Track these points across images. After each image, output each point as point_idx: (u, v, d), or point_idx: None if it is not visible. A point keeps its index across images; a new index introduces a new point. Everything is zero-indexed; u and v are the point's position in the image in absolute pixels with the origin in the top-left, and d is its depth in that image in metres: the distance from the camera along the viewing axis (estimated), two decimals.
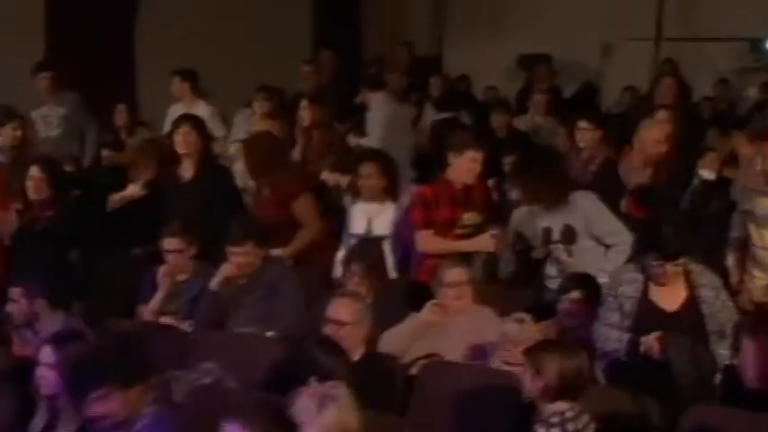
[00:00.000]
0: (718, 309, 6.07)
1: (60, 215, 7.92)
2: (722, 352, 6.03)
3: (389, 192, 8.11)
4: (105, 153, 10.47)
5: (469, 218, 7.60)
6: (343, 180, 8.84)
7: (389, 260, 7.94)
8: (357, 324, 6.05)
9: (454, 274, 6.60)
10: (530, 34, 16.57)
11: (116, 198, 8.72)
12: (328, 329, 5.70)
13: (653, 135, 8.12)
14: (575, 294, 6.59)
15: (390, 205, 8.10)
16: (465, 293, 6.58)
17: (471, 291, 6.62)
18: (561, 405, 5.23)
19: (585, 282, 6.74)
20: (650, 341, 5.91)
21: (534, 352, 5.29)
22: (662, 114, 9.02)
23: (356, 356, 6.00)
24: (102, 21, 14.28)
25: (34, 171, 7.99)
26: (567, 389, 5.11)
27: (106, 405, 4.77)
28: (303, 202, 8.26)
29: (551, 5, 17.13)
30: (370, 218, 8.00)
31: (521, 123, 11.55)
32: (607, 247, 7.19)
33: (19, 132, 9.16)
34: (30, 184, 7.93)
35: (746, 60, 16.33)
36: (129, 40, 14.79)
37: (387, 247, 7.98)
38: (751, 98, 13.71)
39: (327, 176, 9.15)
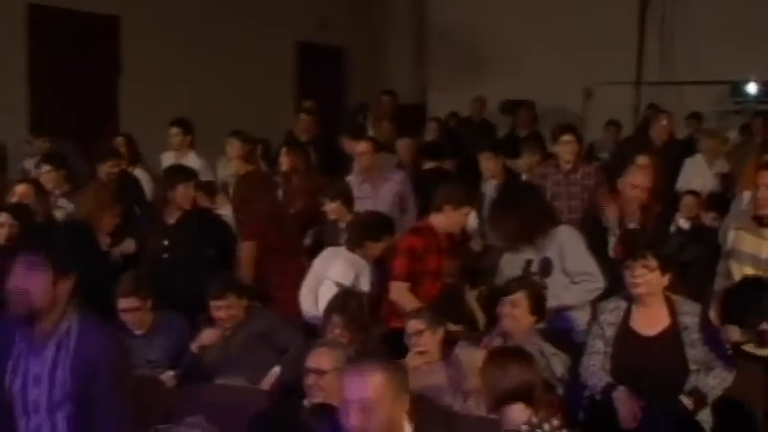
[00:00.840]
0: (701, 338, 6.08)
1: None
2: (711, 382, 6.00)
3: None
4: None
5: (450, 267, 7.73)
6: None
7: None
8: (338, 372, 5.78)
9: (411, 325, 6.54)
10: (512, 80, 16.71)
11: (117, 253, 8.68)
12: (309, 380, 5.52)
13: (633, 180, 8.06)
14: (517, 296, 6.54)
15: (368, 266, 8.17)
16: (427, 341, 6.49)
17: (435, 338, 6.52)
18: (521, 413, 5.14)
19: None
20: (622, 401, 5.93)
21: (489, 364, 5.26)
22: (642, 159, 9.08)
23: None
24: (91, 65, 14.48)
25: (4, 218, 7.91)
26: (525, 393, 5.09)
27: None
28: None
29: (533, 52, 17.29)
30: (357, 273, 7.97)
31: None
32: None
33: None
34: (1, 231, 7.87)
35: (727, 104, 16.49)
36: (114, 93, 14.85)
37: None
38: (732, 141, 13.71)
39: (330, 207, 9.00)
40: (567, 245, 7.22)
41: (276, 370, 6.88)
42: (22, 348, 4.77)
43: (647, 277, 6.07)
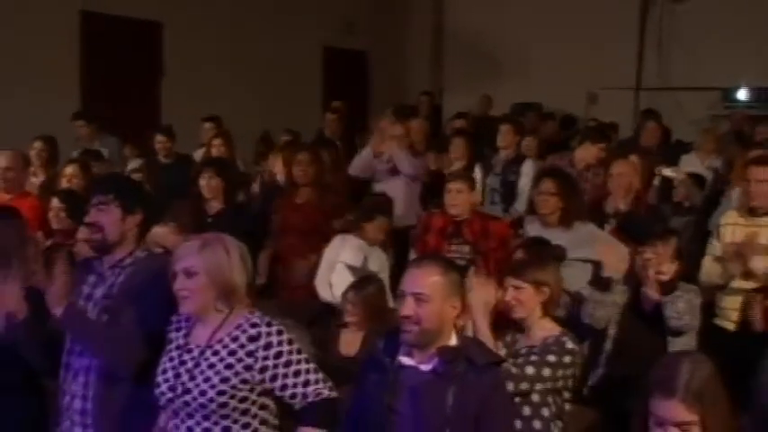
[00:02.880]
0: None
1: None
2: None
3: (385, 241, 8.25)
4: None
5: (456, 249, 7.58)
6: None
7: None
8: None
9: None
10: (521, 84, 16.78)
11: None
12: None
13: (618, 169, 8.19)
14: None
15: (379, 249, 8.14)
16: None
17: None
18: (553, 327, 5.20)
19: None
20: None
21: (529, 268, 5.26)
22: (634, 157, 9.03)
23: None
24: (136, 66, 14.77)
25: (55, 202, 7.85)
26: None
27: None
28: None
29: (541, 57, 17.31)
30: (367, 256, 8.00)
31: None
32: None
33: None
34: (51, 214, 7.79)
35: (718, 108, 16.49)
36: (157, 93, 15.17)
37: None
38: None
39: None
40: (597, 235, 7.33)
41: None
42: (94, 279, 4.83)
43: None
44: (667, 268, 6.01)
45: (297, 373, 4.23)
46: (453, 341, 4.12)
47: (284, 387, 4.23)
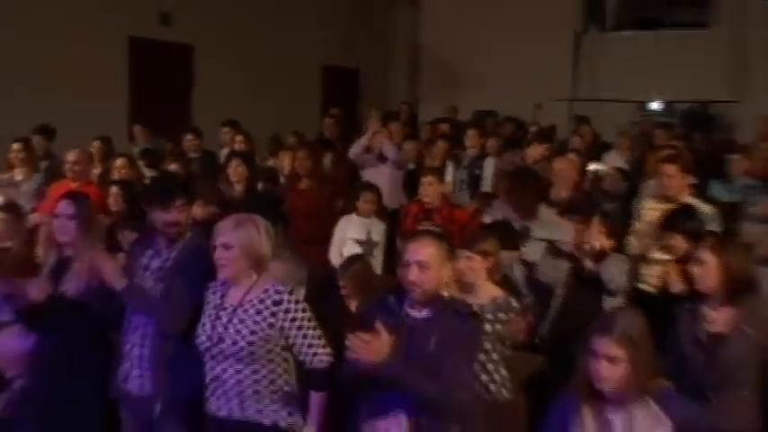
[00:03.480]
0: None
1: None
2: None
3: (378, 212, 8.19)
4: None
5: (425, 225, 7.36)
6: None
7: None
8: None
9: None
10: (481, 95, 16.61)
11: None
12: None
13: (559, 165, 8.12)
14: None
15: (377, 220, 8.07)
16: None
17: None
18: (496, 289, 5.20)
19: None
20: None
21: (477, 242, 5.30)
22: (572, 155, 9.01)
23: None
24: (172, 80, 14.73)
25: (114, 190, 7.82)
26: None
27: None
28: None
29: (496, 74, 17.23)
30: (369, 229, 7.94)
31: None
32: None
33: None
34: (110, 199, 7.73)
35: (635, 116, 16.48)
36: (189, 103, 15.12)
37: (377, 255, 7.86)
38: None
39: None
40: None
41: None
42: (152, 252, 4.85)
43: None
44: (600, 241, 6.01)
45: (304, 336, 4.25)
46: (445, 296, 4.15)
47: (293, 345, 4.28)
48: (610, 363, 3.53)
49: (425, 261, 4.03)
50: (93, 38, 13.23)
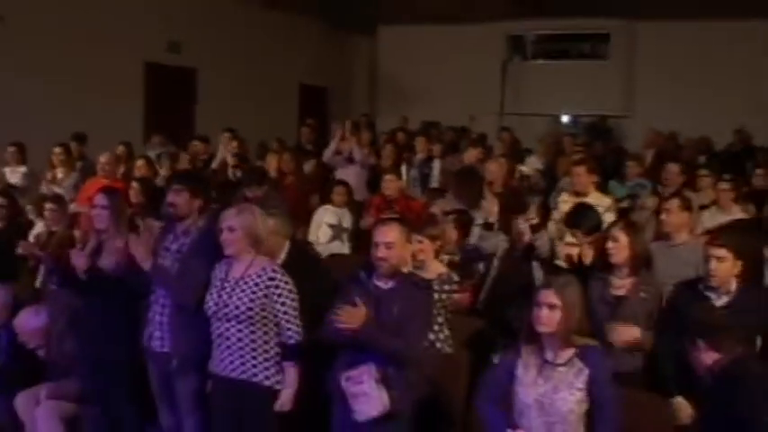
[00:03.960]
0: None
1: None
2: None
3: (349, 204, 8.14)
4: None
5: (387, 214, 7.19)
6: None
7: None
8: None
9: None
10: (427, 108, 16.53)
11: None
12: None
13: (491, 167, 7.96)
14: None
15: (347, 211, 7.98)
16: None
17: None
18: (441, 266, 5.14)
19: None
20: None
21: (426, 227, 5.22)
22: (501, 159, 8.75)
23: None
24: (179, 97, 14.63)
25: (135, 185, 7.73)
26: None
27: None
28: None
29: (439, 91, 17.22)
30: (340, 217, 7.88)
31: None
32: None
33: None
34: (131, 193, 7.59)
35: (550, 127, 16.48)
36: (193, 116, 15.02)
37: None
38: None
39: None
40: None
41: None
42: (172, 237, 4.82)
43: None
44: (537, 218, 6.22)
45: (285, 313, 4.27)
46: (405, 270, 4.21)
47: (275, 317, 4.28)
48: (549, 309, 3.57)
49: (391, 242, 4.08)
50: (116, 63, 13.11)
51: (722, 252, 4.39)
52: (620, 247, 4.64)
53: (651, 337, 4.50)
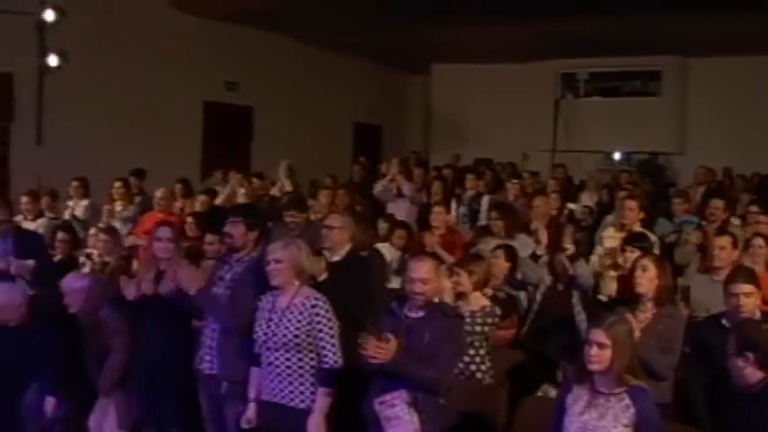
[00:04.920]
0: None
1: None
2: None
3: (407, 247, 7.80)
4: None
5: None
6: None
7: None
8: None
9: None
10: (480, 146, 16.78)
11: None
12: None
13: (537, 202, 8.18)
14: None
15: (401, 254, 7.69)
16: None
17: None
18: (482, 299, 5.28)
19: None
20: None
21: (464, 263, 5.45)
22: (553, 195, 9.16)
23: None
24: (236, 134, 14.99)
25: (190, 220, 7.95)
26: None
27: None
28: None
29: (492, 128, 17.33)
30: (392, 258, 7.58)
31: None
32: None
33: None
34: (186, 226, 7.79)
35: (602, 164, 16.60)
36: (249, 153, 15.36)
37: None
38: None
39: None
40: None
41: None
42: (227, 267, 4.95)
43: None
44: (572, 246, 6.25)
45: (321, 339, 4.37)
46: (436, 301, 4.32)
47: (316, 342, 4.39)
48: (599, 348, 3.62)
49: (426, 278, 4.19)
50: (177, 102, 13.58)
51: (748, 288, 4.51)
52: (648, 276, 4.68)
53: (666, 360, 4.53)
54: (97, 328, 5.38)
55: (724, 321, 4.55)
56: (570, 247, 6.18)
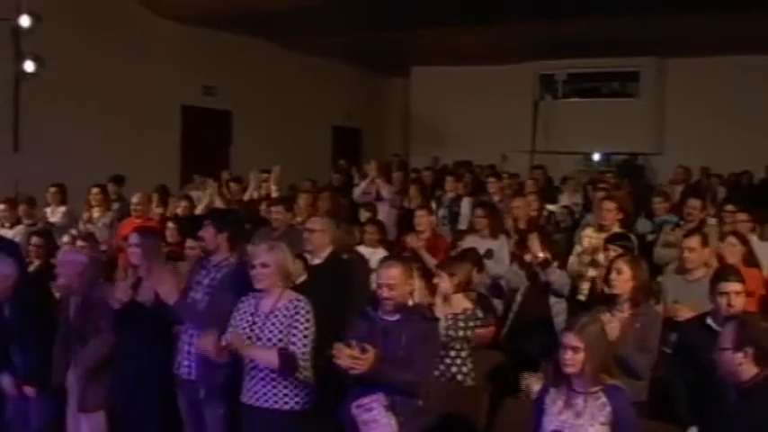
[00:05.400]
0: None
1: None
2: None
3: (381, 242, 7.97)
4: None
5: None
6: None
7: None
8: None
9: None
10: (459, 148, 16.77)
11: None
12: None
13: (516, 203, 8.26)
14: None
15: (381, 250, 7.63)
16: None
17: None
18: (464, 301, 5.30)
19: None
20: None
21: (447, 265, 5.53)
22: (531, 197, 9.11)
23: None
24: (214, 138, 14.95)
25: (171, 225, 7.92)
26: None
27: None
28: None
29: (471, 131, 17.34)
30: (370, 257, 7.40)
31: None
32: None
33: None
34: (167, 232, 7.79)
35: (581, 165, 16.72)
36: (227, 156, 15.32)
37: None
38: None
39: None
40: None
41: None
42: (204, 272, 5.01)
43: None
44: (543, 252, 6.17)
45: (295, 335, 4.35)
46: (410, 303, 4.30)
47: (289, 336, 4.36)
48: (573, 352, 3.66)
49: (393, 283, 4.20)
50: (155, 106, 13.57)
51: (738, 287, 4.55)
52: (623, 279, 4.73)
53: (645, 359, 4.57)
54: (87, 306, 5.34)
55: (709, 321, 4.57)
56: (541, 254, 6.14)
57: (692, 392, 4.34)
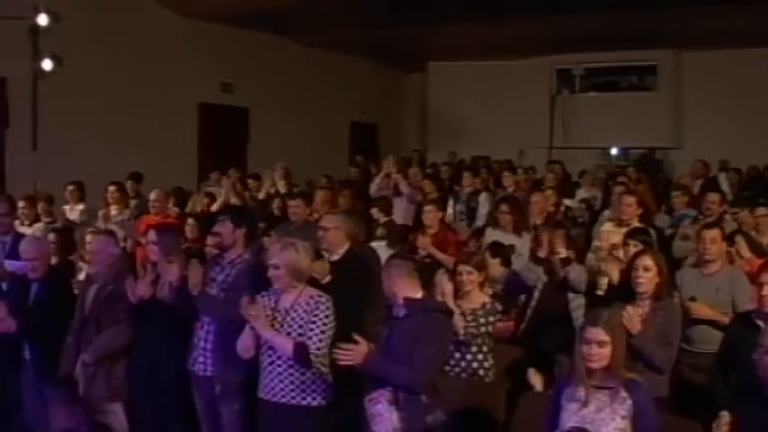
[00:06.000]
0: None
1: None
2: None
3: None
4: None
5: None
6: None
7: None
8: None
9: None
10: (477, 143, 16.66)
11: None
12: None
13: (535, 198, 8.17)
14: None
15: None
16: None
17: None
18: (484, 296, 5.24)
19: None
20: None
21: (471, 259, 5.35)
22: (549, 191, 8.92)
23: None
24: (232, 135, 14.99)
25: (191, 222, 7.92)
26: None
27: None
28: None
29: (489, 126, 17.32)
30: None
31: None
32: None
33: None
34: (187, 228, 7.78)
35: (599, 160, 16.61)
36: (245, 153, 15.37)
37: None
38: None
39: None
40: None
41: None
42: (219, 269, 4.99)
43: None
44: (565, 250, 6.07)
45: (312, 330, 4.35)
46: (418, 296, 4.30)
47: (307, 330, 4.36)
48: (599, 346, 3.63)
49: (394, 282, 4.29)
50: (172, 104, 13.60)
51: None
52: (650, 276, 4.68)
53: (667, 354, 4.54)
54: (111, 297, 5.35)
55: (753, 316, 4.49)
56: (563, 252, 6.08)
57: (736, 392, 4.22)
